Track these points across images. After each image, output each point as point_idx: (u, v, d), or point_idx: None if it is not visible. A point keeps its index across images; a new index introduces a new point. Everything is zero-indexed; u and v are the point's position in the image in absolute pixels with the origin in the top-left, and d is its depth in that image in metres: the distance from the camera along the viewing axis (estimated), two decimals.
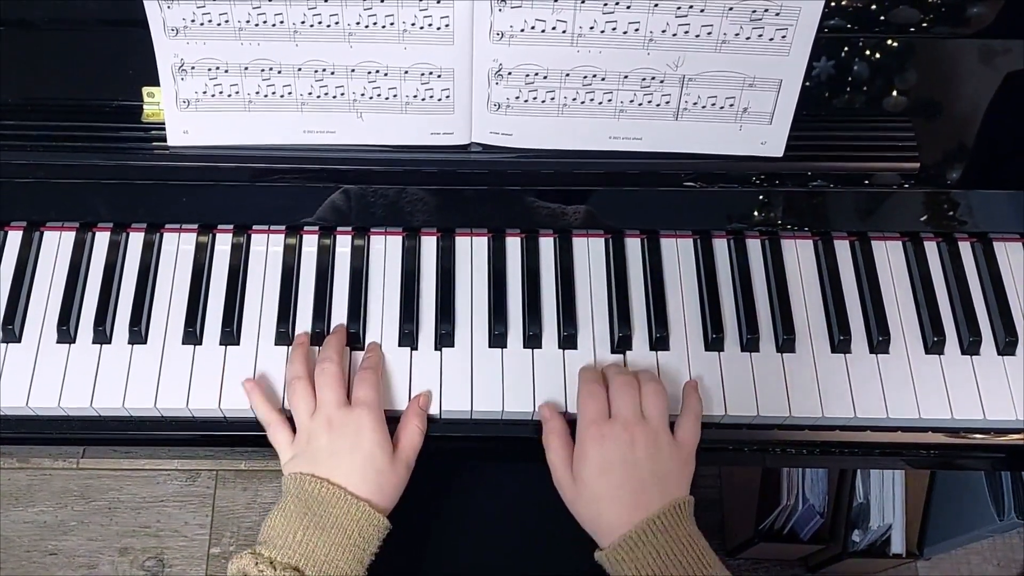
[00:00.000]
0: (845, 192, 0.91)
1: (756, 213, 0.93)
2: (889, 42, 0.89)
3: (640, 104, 0.84)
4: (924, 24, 0.88)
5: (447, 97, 0.84)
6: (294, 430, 0.84)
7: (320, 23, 0.80)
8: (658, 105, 0.84)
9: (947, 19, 0.88)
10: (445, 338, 0.89)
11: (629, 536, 0.76)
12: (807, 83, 0.84)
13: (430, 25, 0.80)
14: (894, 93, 0.90)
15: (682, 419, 0.84)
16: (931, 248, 0.95)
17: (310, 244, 0.94)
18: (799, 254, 0.95)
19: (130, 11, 0.80)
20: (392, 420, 0.85)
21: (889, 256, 0.95)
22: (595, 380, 0.85)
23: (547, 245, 0.94)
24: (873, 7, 0.87)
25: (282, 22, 0.80)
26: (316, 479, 0.78)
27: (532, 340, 0.89)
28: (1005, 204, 0.94)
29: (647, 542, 0.76)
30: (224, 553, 1.68)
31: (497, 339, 0.89)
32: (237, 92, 0.84)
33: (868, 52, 0.89)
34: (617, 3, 0.78)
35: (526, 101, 0.84)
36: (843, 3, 0.86)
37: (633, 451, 0.79)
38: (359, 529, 0.78)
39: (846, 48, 0.88)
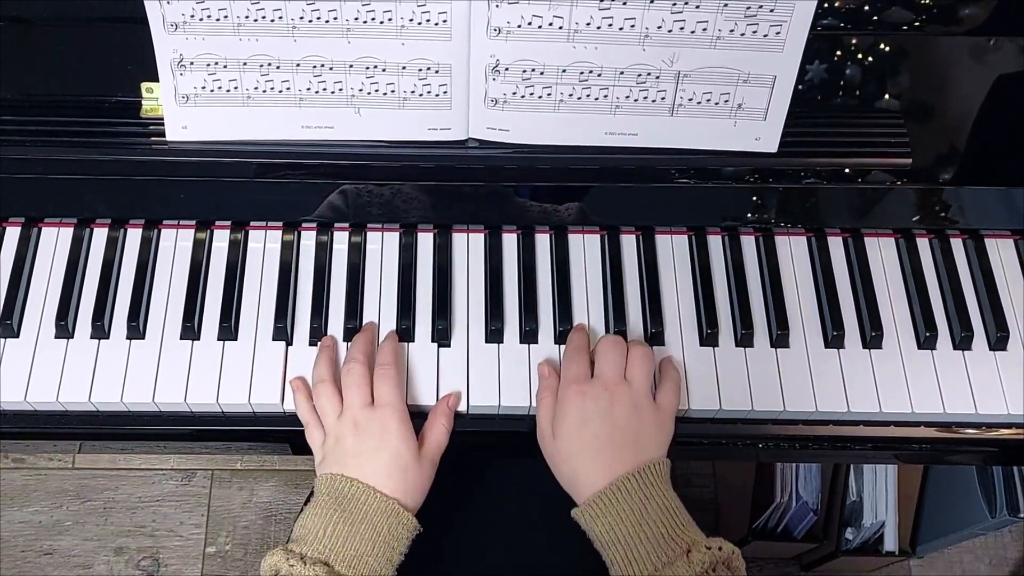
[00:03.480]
0: (838, 188, 0.92)
1: (750, 209, 0.93)
2: (882, 40, 0.90)
3: (636, 100, 0.84)
4: (917, 22, 0.89)
5: (444, 93, 0.85)
6: None
7: (318, 19, 0.80)
8: (654, 101, 0.84)
9: (940, 17, 0.89)
10: (441, 334, 0.90)
11: (603, 493, 0.77)
12: (800, 80, 0.85)
13: (428, 21, 0.80)
14: (887, 90, 0.91)
15: (662, 385, 0.85)
16: (923, 244, 0.96)
17: (307, 240, 0.94)
18: (793, 250, 0.95)
19: (129, 7, 0.81)
20: None
21: (882, 252, 0.95)
22: (583, 347, 0.86)
23: (543, 241, 0.94)
24: (866, 5, 0.88)
25: (280, 18, 0.80)
26: (345, 478, 0.79)
27: (528, 336, 0.90)
28: (996, 201, 0.95)
29: (621, 500, 0.77)
30: (220, 552, 1.68)
31: (494, 335, 0.90)
32: (236, 87, 0.84)
33: (861, 50, 0.89)
34: None
35: (523, 97, 0.84)
36: (836, 2, 0.87)
37: (612, 410, 0.80)
38: (388, 526, 0.78)
39: (839, 46, 0.89)
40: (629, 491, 0.77)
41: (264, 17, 0.80)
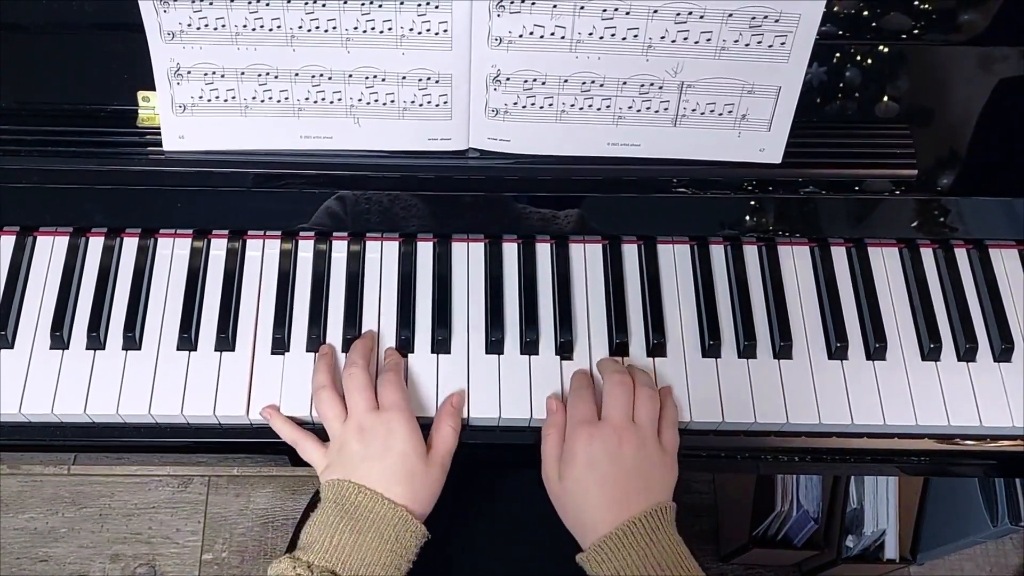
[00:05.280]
0: (842, 199, 0.91)
1: (753, 219, 0.93)
2: (886, 49, 0.89)
3: (639, 110, 0.84)
4: (919, 31, 0.88)
5: (445, 103, 0.84)
6: (322, 439, 0.84)
7: (318, 28, 0.79)
8: (657, 111, 0.84)
9: (942, 26, 0.88)
10: (441, 344, 0.89)
11: (610, 537, 0.77)
12: (804, 91, 0.84)
13: (428, 30, 0.79)
14: (892, 101, 0.90)
15: (663, 426, 0.84)
16: (927, 255, 0.95)
17: (306, 249, 0.93)
18: (796, 261, 0.95)
19: (126, 15, 0.80)
20: None
21: (885, 263, 0.95)
22: (587, 385, 0.85)
23: (544, 251, 0.94)
24: (871, 16, 0.87)
25: (279, 27, 0.79)
26: (352, 484, 0.78)
27: (529, 346, 0.89)
28: (1000, 211, 0.94)
29: (628, 544, 0.76)
30: (216, 559, 1.67)
31: (494, 345, 0.89)
32: (234, 97, 0.83)
33: (866, 59, 0.89)
34: (616, 9, 0.78)
35: (524, 107, 0.83)
36: (842, 11, 0.86)
37: (620, 454, 0.79)
38: (396, 534, 0.77)
39: (844, 55, 0.88)
40: (636, 535, 0.76)
41: (262, 26, 0.79)
